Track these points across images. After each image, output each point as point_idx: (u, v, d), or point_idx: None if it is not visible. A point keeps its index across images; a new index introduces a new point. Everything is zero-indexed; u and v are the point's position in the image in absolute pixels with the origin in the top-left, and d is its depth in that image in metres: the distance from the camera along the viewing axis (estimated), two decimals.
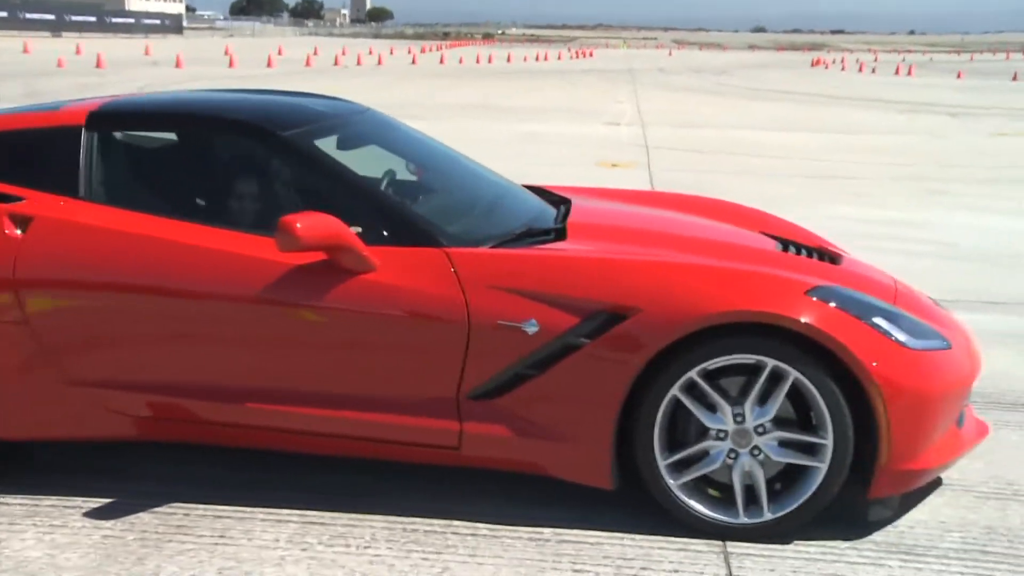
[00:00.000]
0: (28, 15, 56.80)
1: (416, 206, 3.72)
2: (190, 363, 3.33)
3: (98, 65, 29.84)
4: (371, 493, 3.50)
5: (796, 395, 3.18)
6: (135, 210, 3.42)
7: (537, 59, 49.13)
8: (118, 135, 3.62)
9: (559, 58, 51.52)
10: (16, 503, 3.37)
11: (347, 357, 3.28)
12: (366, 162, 3.95)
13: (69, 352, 3.34)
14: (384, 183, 3.72)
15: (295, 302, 3.24)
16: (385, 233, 3.35)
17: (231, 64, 34.00)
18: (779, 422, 3.19)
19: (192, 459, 3.67)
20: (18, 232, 3.33)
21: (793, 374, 3.12)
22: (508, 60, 46.20)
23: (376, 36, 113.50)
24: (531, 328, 3.18)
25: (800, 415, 3.22)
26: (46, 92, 20.29)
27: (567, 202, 4.25)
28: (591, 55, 57.76)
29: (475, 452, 3.30)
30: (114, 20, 66.90)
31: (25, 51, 36.86)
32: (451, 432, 3.28)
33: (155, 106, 3.90)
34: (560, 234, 3.67)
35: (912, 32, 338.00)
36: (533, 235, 3.62)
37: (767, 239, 4.09)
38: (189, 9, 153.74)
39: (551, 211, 4.10)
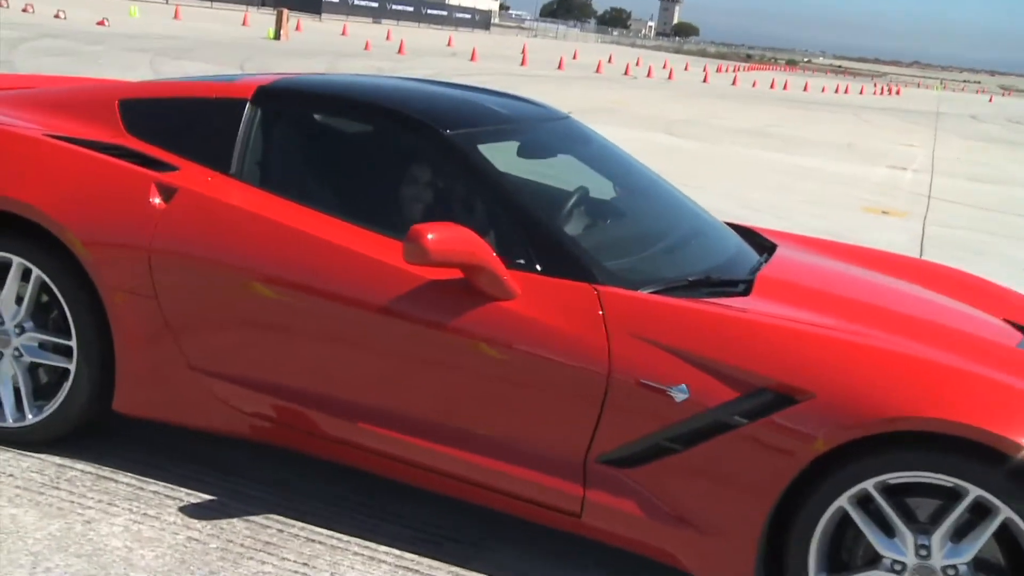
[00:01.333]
0: (356, 2, 60.86)
1: (591, 231, 3.27)
2: (311, 367, 3.06)
3: (400, 51, 31.34)
4: (486, 546, 3.10)
5: (1008, 538, 2.46)
6: (279, 194, 3.20)
7: (837, 91, 46.74)
8: (281, 114, 3.41)
9: (861, 92, 48.78)
10: (124, 482, 3.24)
11: (469, 388, 2.89)
12: (558, 174, 3.58)
13: (192, 335, 3.16)
14: (566, 203, 3.32)
15: (422, 319, 2.89)
16: (534, 258, 2.94)
17: (523, 63, 34.68)
18: (980, 566, 2.49)
19: (310, 470, 3.41)
20: (162, 202, 3.17)
21: (1004, 512, 2.41)
22: (805, 89, 44.25)
23: (677, 51, 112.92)
24: (680, 394, 2.66)
25: (1011, 562, 2.49)
26: (343, 70, 21.47)
27: (769, 249, 3.65)
28: (898, 93, 54.29)
29: (598, 524, 2.82)
30: (430, 12, 70.56)
31: (343, 34, 39.43)
32: (573, 496, 2.82)
33: (325, 88, 3.66)
34: (745, 288, 3.10)
35: None
36: (711, 285, 3.07)
37: (1011, 330, 3.30)
38: (503, 7, 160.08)
39: (751, 258, 3.52)
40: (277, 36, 30.26)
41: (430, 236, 2.71)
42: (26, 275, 3.30)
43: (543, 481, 2.84)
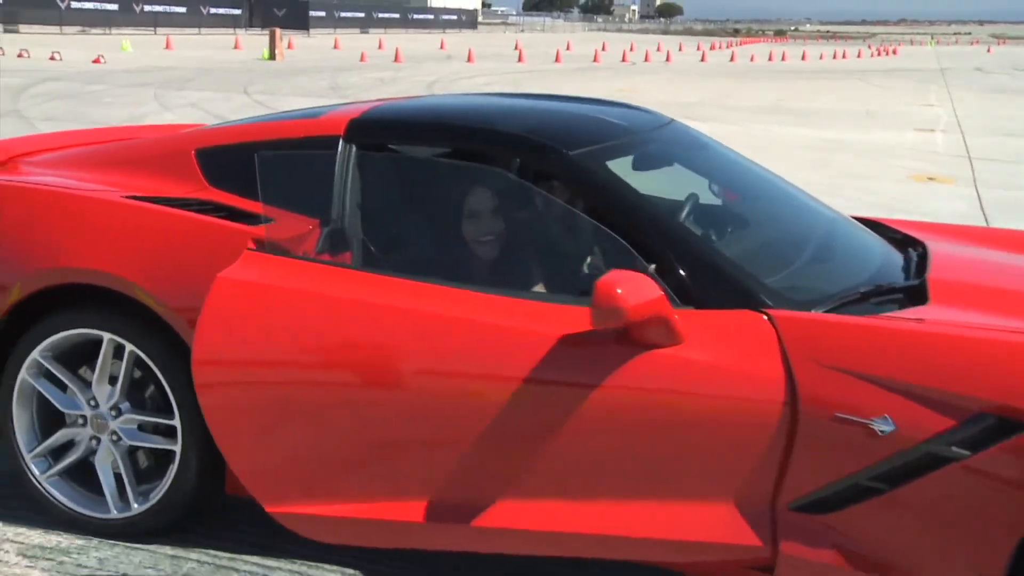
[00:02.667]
0: (342, 14, 60.58)
1: (732, 248, 2.93)
2: (453, 451, 2.65)
3: (396, 59, 30.98)
4: None
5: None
6: (385, 251, 2.91)
7: (835, 57, 46.24)
8: (381, 149, 3.07)
9: (859, 56, 48.26)
10: (245, 570, 2.94)
11: (638, 449, 2.54)
12: (672, 185, 3.24)
13: (306, 412, 2.77)
14: (686, 214, 2.93)
15: (566, 380, 2.52)
16: (691, 289, 2.61)
17: (520, 59, 34.30)
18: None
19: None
20: (259, 249, 2.86)
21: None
22: (803, 58, 43.75)
23: (664, 32, 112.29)
24: (884, 427, 2.34)
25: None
26: (347, 86, 21.17)
27: (917, 245, 3.32)
28: (895, 53, 53.77)
29: None
30: (415, 16, 70.20)
31: (335, 47, 39.08)
32: (762, 550, 2.50)
33: (423, 114, 3.34)
34: (918, 294, 2.78)
35: None
36: (883, 295, 2.75)
37: None
38: (485, 4, 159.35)
39: (897, 258, 3.20)
40: (272, 56, 29.94)
41: (620, 290, 2.33)
42: (118, 352, 3.00)
43: (726, 538, 2.52)
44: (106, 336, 2.98)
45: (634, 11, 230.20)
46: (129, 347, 2.97)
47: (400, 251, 3.06)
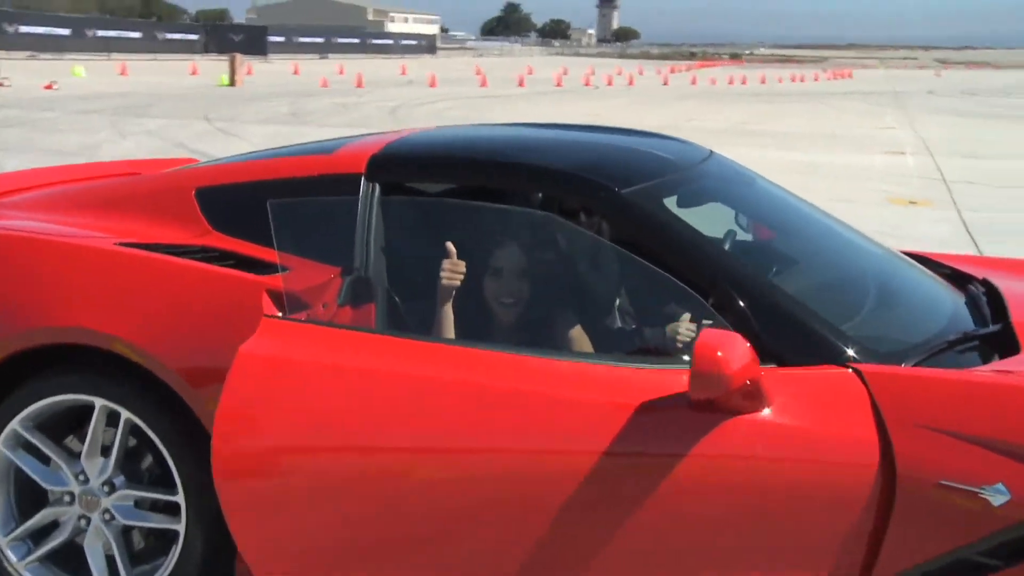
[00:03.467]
0: (300, 39, 60.15)
1: (802, 293, 2.58)
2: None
3: (358, 85, 30.64)
4: None
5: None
6: (412, 300, 2.59)
7: (793, 80, 46.66)
8: (408, 188, 2.78)
9: (815, 79, 48.75)
10: None
11: (703, 522, 2.25)
12: (703, 221, 2.96)
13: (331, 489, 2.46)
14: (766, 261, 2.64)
15: (636, 451, 2.23)
16: (769, 343, 2.33)
17: (483, 83, 34.14)
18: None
19: None
20: (279, 316, 2.53)
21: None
22: (762, 82, 44.09)
23: (621, 56, 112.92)
24: (998, 497, 2.08)
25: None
26: (309, 111, 20.81)
27: (977, 282, 3.08)
28: (850, 76, 54.42)
29: None
30: (374, 42, 69.94)
31: (295, 73, 38.64)
32: None
33: (457, 147, 3.04)
34: (1007, 342, 2.53)
35: None
36: (970, 343, 2.51)
37: None
38: (443, 30, 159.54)
39: (963, 299, 2.96)
40: (232, 82, 29.47)
41: (721, 354, 2.05)
42: (112, 419, 2.67)
43: None
44: (98, 402, 2.65)
45: (591, 35, 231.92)
46: (125, 414, 2.63)
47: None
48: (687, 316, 2.54)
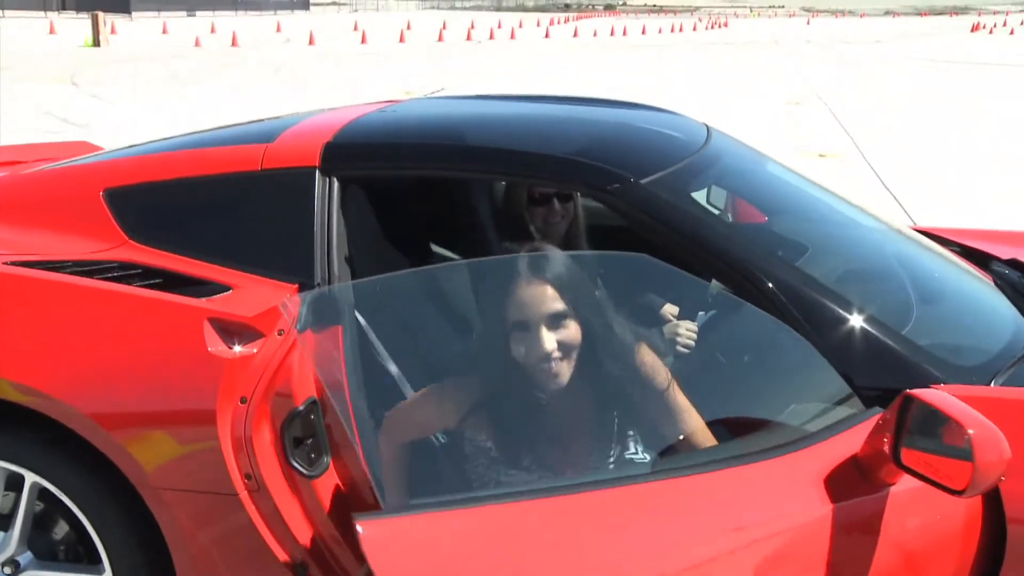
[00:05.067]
0: None
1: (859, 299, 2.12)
2: None
3: (233, 44, 29.23)
4: None
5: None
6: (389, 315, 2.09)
7: (672, 31, 46.86)
8: (373, 184, 2.29)
9: (694, 29, 49.13)
10: None
11: None
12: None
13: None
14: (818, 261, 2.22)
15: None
16: (841, 366, 1.95)
17: (363, 40, 33.05)
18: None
19: None
20: (233, 349, 2.03)
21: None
22: (643, 32, 44.12)
23: (498, 8, 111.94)
24: None
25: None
26: (187, 72, 19.63)
27: (1002, 263, 2.77)
28: (726, 25, 55.09)
29: None
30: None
31: (164, 32, 36.67)
32: None
33: (433, 131, 2.53)
34: None
35: None
36: None
37: None
38: None
39: (993, 288, 2.63)
40: (96, 43, 27.70)
41: (1005, 454, 1.60)
42: (13, 483, 2.13)
43: None
44: None
45: None
46: (32, 477, 2.10)
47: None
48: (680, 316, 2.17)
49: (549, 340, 1.85)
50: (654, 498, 1.70)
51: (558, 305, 1.87)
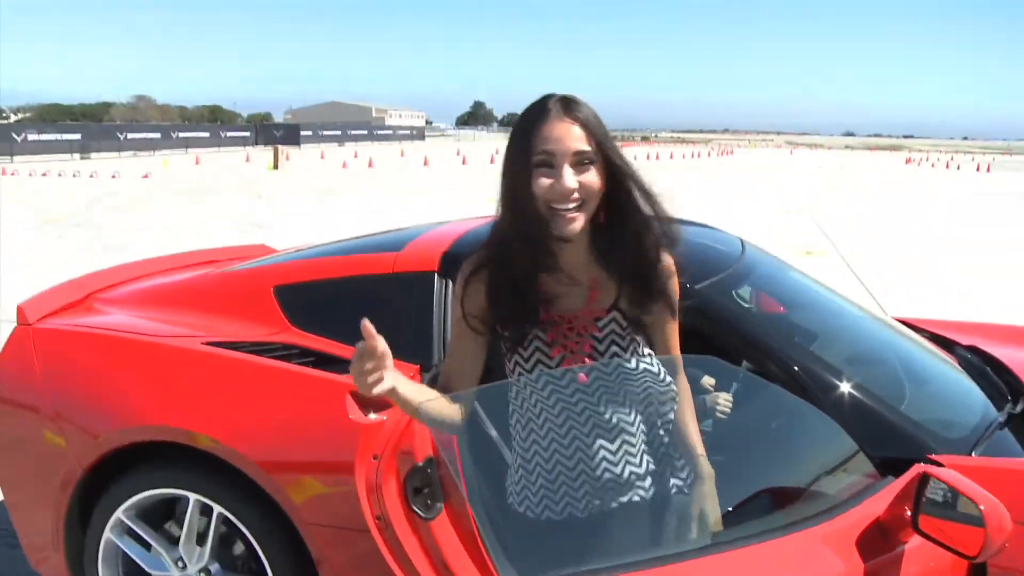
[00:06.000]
0: (324, 132, 59.48)
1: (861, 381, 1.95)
2: None
3: (369, 165, 29.99)
4: None
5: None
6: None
7: (692, 157, 46.73)
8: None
9: (708, 156, 48.90)
10: None
11: None
12: None
13: None
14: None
15: None
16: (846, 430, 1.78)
17: (464, 162, 33.63)
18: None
19: None
20: (368, 416, 1.94)
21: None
22: (671, 158, 44.04)
23: None
24: None
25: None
26: (335, 186, 20.12)
27: (975, 353, 2.55)
28: (731, 153, 54.68)
29: None
30: (379, 132, 69.28)
31: (322, 158, 37.82)
32: None
33: None
34: None
35: (965, 138, 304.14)
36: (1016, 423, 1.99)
37: None
38: (428, 122, 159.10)
39: (967, 377, 2.41)
40: (276, 166, 28.68)
41: (1009, 524, 1.46)
42: (206, 510, 2.07)
43: None
44: (191, 496, 2.05)
45: None
46: (217, 508, 2.04)
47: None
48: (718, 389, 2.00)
49: (571, 179, 1.55)
50: (719, 573, 1.52)
51: (584, 146, 1.56)
